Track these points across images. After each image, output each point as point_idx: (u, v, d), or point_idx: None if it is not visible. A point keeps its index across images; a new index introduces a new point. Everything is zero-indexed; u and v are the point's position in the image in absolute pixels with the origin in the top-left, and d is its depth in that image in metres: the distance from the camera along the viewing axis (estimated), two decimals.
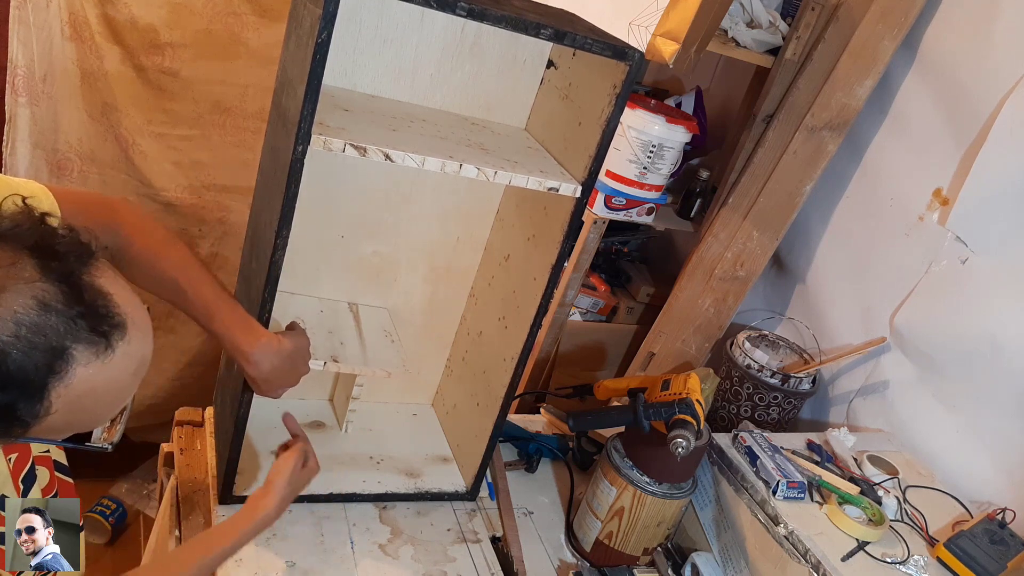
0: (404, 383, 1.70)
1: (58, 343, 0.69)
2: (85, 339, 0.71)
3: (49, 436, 0.77)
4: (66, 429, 0.77)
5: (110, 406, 0.79)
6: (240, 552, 1.25)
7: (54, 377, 0.70)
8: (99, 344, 0.72)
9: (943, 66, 1.75)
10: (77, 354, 0.71)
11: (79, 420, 0.77)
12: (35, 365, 0.68)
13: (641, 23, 1.77)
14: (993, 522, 1.41)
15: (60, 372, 0.70)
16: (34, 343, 0.68)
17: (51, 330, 0.69)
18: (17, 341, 0.67)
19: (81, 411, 0.75)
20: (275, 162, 1.18)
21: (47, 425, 0.73)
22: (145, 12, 1.84)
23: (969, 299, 1.66)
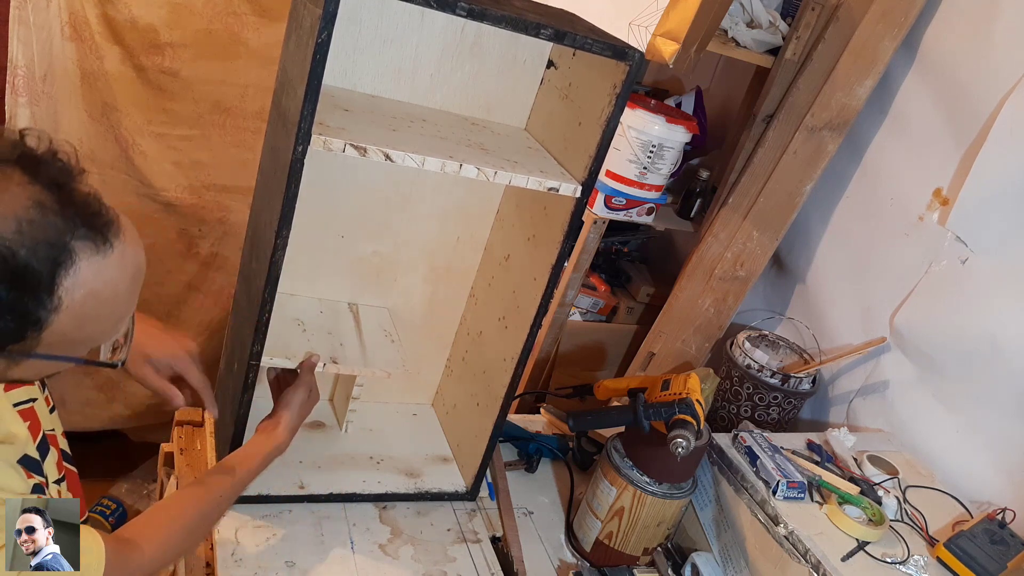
0: (404, 383, 1.70)
1: (59, 239, 0.73)
2: (83, 235, 0.75)
3: (61, 348, 0.79)
4: (76, 337, 0.79)
5: (114, 313, 0.82)
6: (240, 552, 1.26)
7: (60, 270, 0.73)
8: (97, 239, 0.76)
9: (943, 66, 1.75)
10: (78, 249, 0.74)
11: (87, 326, 0.79)
12: (40, 259, 0.71)
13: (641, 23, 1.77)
14: (993, 522, 1.41)
15: (65, 265, 0.73)
16: (37, 239, 0.71)
17: (51, 227, 0.72)
18: (21, 238, 0.70)
19: (88, 315, 0.77)
20: (275, 162, 1.18)
21: (58, 329, 0.75)
22: (145, 12, 1.84)
23: (969, 299, 1.66)
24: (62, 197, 0.74)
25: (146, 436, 2.42)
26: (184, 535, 1.06)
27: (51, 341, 0.77)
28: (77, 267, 0.74)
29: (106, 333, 0.84)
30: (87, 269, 0.75)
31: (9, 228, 0.70)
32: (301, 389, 1.27)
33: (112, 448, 2.41)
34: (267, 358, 1.29)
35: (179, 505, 1.09)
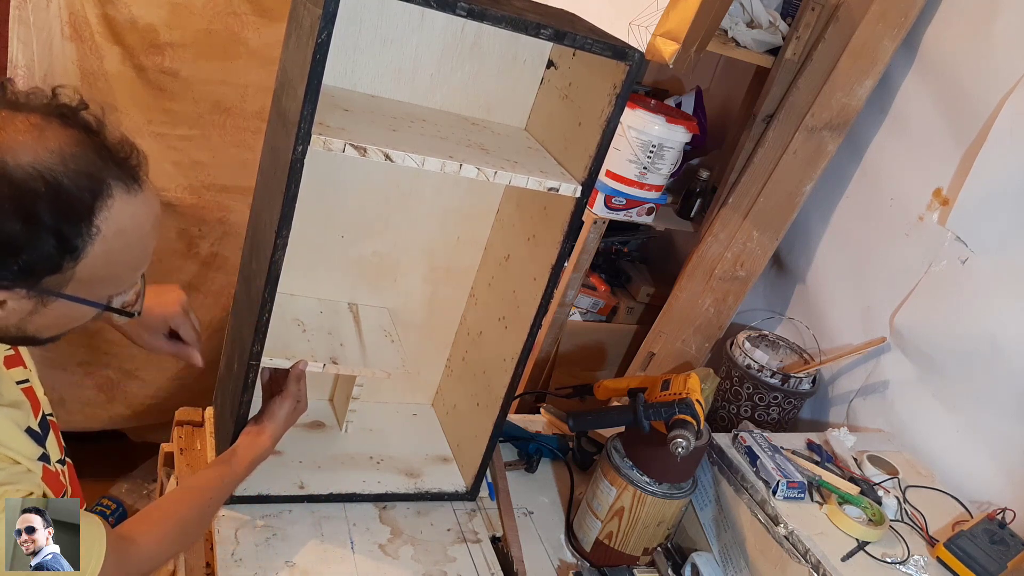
0: (404, 383, 1.70)
1: (97, 173, 0.79)
2: (116, 174, 0.81)
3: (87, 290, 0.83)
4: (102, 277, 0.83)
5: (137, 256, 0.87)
6: (240, 552, 1.26)
7: (98, 202, 0.79)
8: (127, 180, 0.82)
9: (943, 66, 1.75)
10: (113, 185, 0.80)
11: (114, 266, 0.83)
12: (81, 188, 0.77)
13: (641, 23, 1.77)
14: (993, 522, 1.41)
15: (102, 197, 0.79)
16: (79, 170, 0.77)
17: (90, 162, 0.78)
18: (66, 168, 0.76)
19: (116, 252, 0.82)
20: (275, 162, 1.18)
21: (90, 264, 0.80)
22: (145, 12, 1.84)
23: (969, 299, 1.66)
24: (96, 140, 0.81)
25: (146, 436, 2.42)
26: (179, 533, 1.10)
27: (82, 278, 0.81)
28: (113, 202, 0.80)
29: (127, 277, 0.88)
30: (119, 205, 0.81)
31: (54, 159, 0.76)
32: (288, 401, 1.29)
33: (112, 448, 2.41)
34: (267, 358, 1.29)
35: (174, 504, 1.13)
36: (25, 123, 0.77)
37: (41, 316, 0.83)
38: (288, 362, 1.32)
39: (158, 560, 1.06)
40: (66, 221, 0.77)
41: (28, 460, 0.89)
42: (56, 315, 0.84)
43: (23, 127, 0.76)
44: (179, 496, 1.16)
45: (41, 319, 0.83)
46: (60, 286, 0.80)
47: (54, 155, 0.76)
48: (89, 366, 2.20)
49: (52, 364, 2.13)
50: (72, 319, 0.87)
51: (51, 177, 0.75)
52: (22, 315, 0.82)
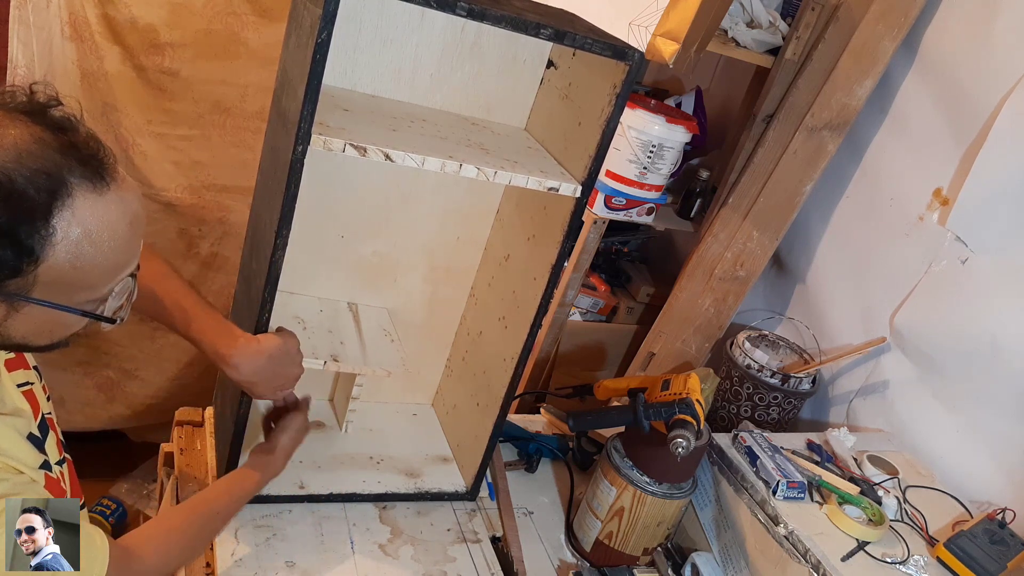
0: (404, 383, 1.70)
1: (56, 172, 0.75)
2: (80, 173, 0.77)
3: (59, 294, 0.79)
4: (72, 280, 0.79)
5: (110, 259, 0.82)
6: (240, 552, 1.26)
7: (56, 202, 0.75)
8: (94, 179, 0.78)
9: (943, 66, 1.75)
10: (75, 185, 0.76)
11: (83, 269, 0.79)
12: (37, 188, 0.73)
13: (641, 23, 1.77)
14: (993, 522, 1.41)
15: (61, 197, 0.75)
16: (35, 169, 0.73)
17: (49, 160, 0.75)
18: (20, 167, 0.73)
19: (84, 255, 0.78)
20: (275, 162, 1.18)
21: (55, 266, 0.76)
22: (145, 12, 1.84)
23: (969, 299, 1.66)
24: (61, 137, 0.77)
25: (146, 436, 2.42)
26: (183, 547, 1.09)
27: (48, 281, 0.77)
28: (73, 201, 0.76)
29: (103, 280, 0.83)
30: (83, 205, 0.77)
31: (9, 156, 0.73)
32: (300, 416, 1.29)
33: (112, 448, 2.41)
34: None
35: (179, 518, 1.12)
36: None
37: (18, 321, 0.80)
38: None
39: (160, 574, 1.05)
40: (20, 222, 0.73)
41: (31, 470, 0.88)
42: (35, 320, 0.81)
43: None
44: (184, 510, 1.14)
45: (20, 324, 0.80)
46: (25, 290, 0.77)
47: (9, 152, 0.73)
48: (89, 366, 2.20)
49: (52, 364, 2.13)
50: (57, 324, 0.84)
51: (3, 175, 0.72)
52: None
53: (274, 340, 1.18)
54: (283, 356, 1.19)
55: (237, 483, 1.21)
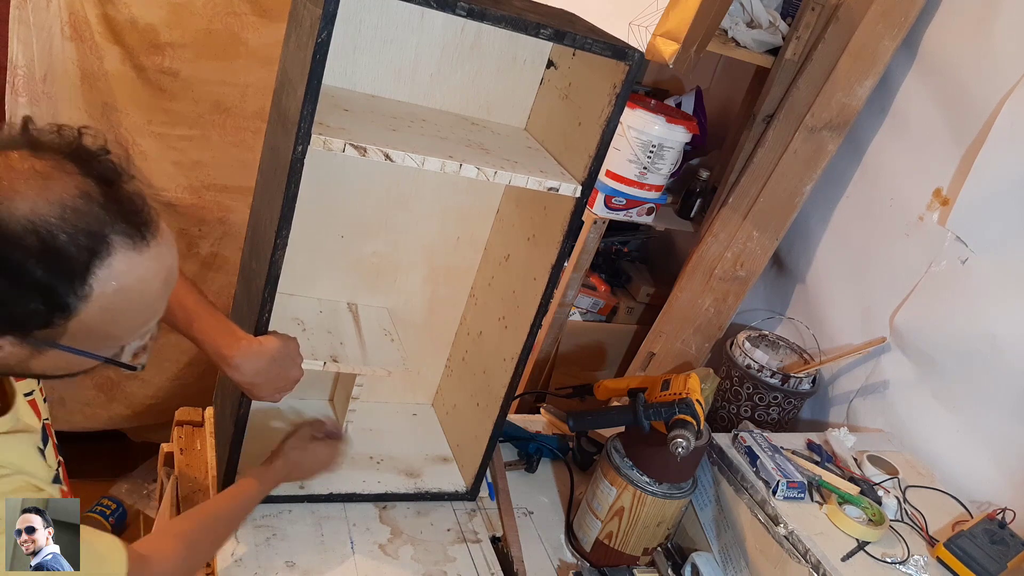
0: (404, 383, 1.70)
1: (99, 229, 0.75)
2: (122, 230, 0.76)
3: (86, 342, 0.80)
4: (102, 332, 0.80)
5: (142, 313, 0.83)
6: (240, 552, 1.26)
7: (96, 260, 0.75)
8: (135, 236, 0.78)
9: (943, 66, 1.75)
10: (116, 242, 0.76)
11: (114, 322, 0.80)
12: (78, 246, 0.73)
13: (641, 23, 1.77)
14: (993, 522, 1.41)
15: (101, 255, 0.75)
16: (78, 226, 0.73)
17: (93, 217, 0.74)
18: (64, 224, 0.72)
19: (117, 310, 0.79)
20: (275, 162, 1.18)
21: (86, 320, 0.77)
22: (145, 12, 1.84)
23: (969, 299, 1.66)
24: (108, 192, 0.77)
25: (146, 436, 2.42)
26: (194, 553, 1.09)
27: (77, 332, 0.78)
28: (112, 260, 0.76)
29: (131, 333, 0.85)
30: (121, 263, 0.77)
31: (54, 212, 0.72)
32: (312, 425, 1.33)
33: (112, 448, 2.41)
34: None
35: (189, 525, 1.12)
36: (31, 170, 0.73)
37: (40, 362, 0.81)
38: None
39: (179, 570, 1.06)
40: (58, 279, 0.73)
41: (47, 485, 0.89)
42: (56, 361, 0.82)
43: (28, 174, 0.73)
44: (194, 516, 1.14)
45: (42, 363, 0.82)
46: (53, 338, 0.78)
47: (54, 207, 0.72)
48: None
49: None
50: (77, 364, 0.84)
51: (46, 231, 0.71)
52: (20, 359, 0.80)
53: (275, 342, 1.18)
54: (284, 358, 1.19)
55: (242, 491, 1.22)
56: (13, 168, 0.73)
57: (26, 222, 0.71)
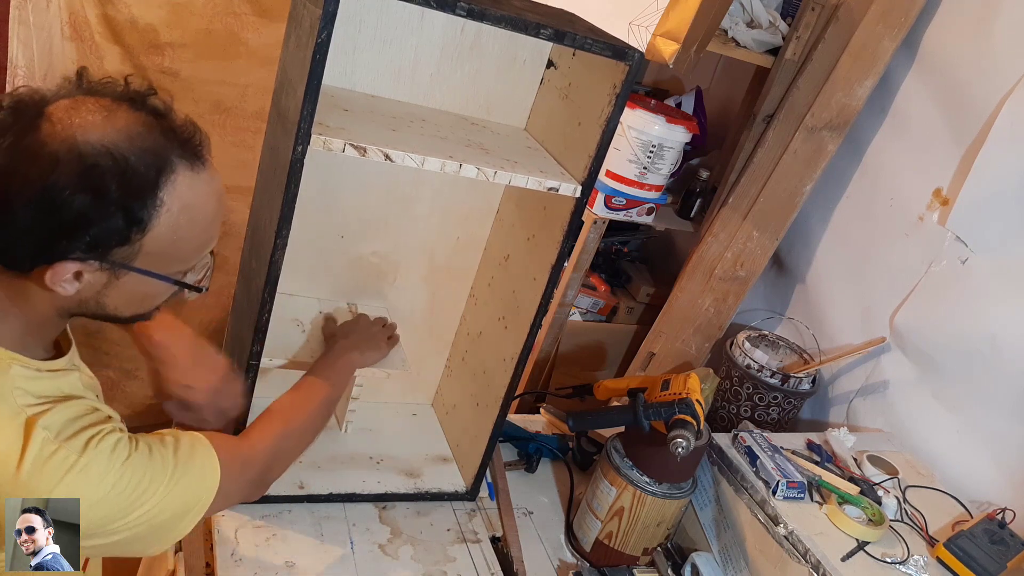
0: (404, 383, 1.70)
1: (161, 152, 0.84)
2: (180, 153, 0.85)
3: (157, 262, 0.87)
4: (170, 252, 0.88)
5: (203, 233, 0.92)
6: (240, 552, 1.26)
7: (162, 178, 0.83)
8: (192, 159, 0.87)
9: (943, 66, 1.75)
10: (177, 163, 0.85)
11: (180, 239, 0.88)
12: (147, 165, 0.82)
13: (641, 23, 1.77)
14: (993, 522, 1.41)
15: (167, 173, 0.84)
16: (144, 148, 0.82)
17: (154, 141, 0.83)
18: (131, 147, 0.81)
19: (182, 227, 0.87)
20: (275, 162, 1.19)
21: (157, 236, 0.84)
22: (145, 12, 1.84)
23: (969, 299, 1.66)
24: (163, 122, 0.86)
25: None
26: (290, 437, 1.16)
27: (149, 251, 0.85)
28: (176, 178, 0.84)
29: (194, 253, 0.92)
30: (184, 182, 0.85)
31: (122, 138, 0.81)
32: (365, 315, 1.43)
33: None
34: (267, 359, 1.29)
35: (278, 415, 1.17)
36: (96, 106, 0.83)
37: (116, 290, 0.87)
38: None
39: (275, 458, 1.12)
40: (133, 195, 0.81)
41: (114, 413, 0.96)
42: (130, 290, 0.88)
43: (94, 109, 0.82)
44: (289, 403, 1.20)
45: (116, 294, 0.88)
46: (130, 259, 0.85)
47: (121, 134, 0.81)
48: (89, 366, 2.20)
49: None
50: (146, 296, 0.91)
51: (118, 154, 0.80)
52: (98, 288, 0.86)
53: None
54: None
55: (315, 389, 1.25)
56: (81, 107, 0.82)
57: (100, 147, 0.79)
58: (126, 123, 0.82)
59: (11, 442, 0.81)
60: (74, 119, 0.80)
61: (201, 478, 0.95)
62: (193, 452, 0.95)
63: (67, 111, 0.81)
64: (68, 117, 0.80)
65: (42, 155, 0.78)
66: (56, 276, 0.82)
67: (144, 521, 0.88)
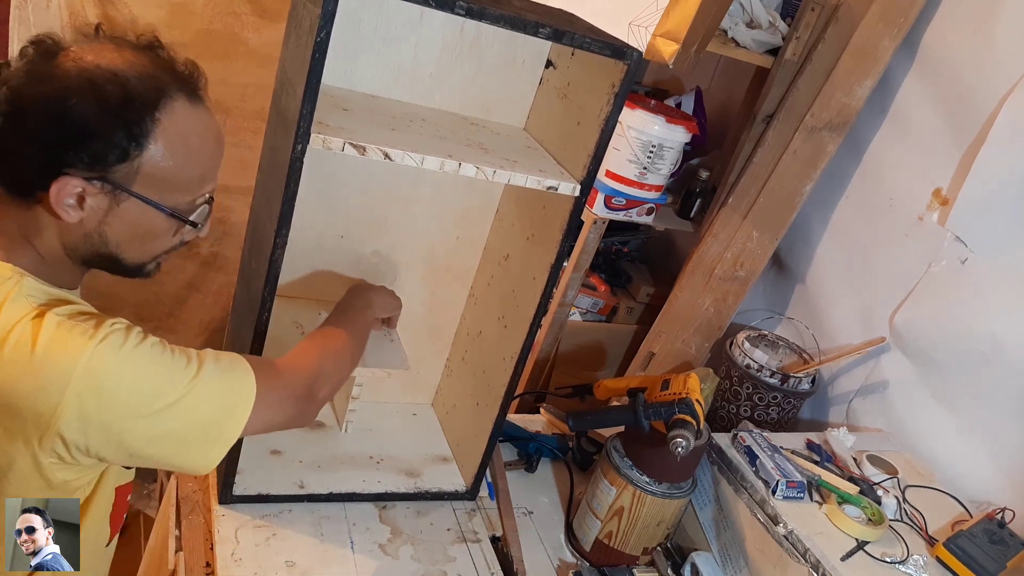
0: (404, 383, 1.70)
1: (161, 80, 0.91)
2: (179, 86, 0.92)
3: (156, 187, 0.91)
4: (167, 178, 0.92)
5: (200, 165, 0.96)
6: (240, 552, 1.26)
7: (161, 99, 0.90)
8: (190, 93, 0.93)
9: (943, 66, 1.75)
10: (175, 92, 0.91)
11: (177, 166, 0.92)
12: (146, 87, 0.89)
13: (641, 23, 1.77)
14: (992, 522, 1.41)
15: (164, 98, 0.90)
16: (144, 74, 0.90)
17: (155, 71, 0.91)
18: (133, 72, 0.89)
19: (178, 154, 0.92)
20: (275, 161, 1.19)
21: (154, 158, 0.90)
22: (145, 12, 1.84)
23: (969, 299, 1.66)
24: (166, 61, 0.94)
25: None
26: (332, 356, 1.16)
27: (148, 173, 0.90)
28: (174, 104, 0.91)
29: (192, 186, 0.96)
30: (181, 110, 0.91)
31: (126, 65, 0.89)
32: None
33: None
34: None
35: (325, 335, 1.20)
36: (107, 44, 0.91)
37: (118, 219, 0.91)
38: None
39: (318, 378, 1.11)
40: (133, 112, 0.87)
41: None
42: (132, 221, 0.92)
43: (105, 46, 0.91)
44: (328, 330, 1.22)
45: (119, 223, 0.92)
46: (129, 180, 0.89)
47: (126, 63, 0.89)
48: None
49: None
50: (148, 231, 0.94)
51: (121, 75, 0.87)
52: (99, 216, 0.90)
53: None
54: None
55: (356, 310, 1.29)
56: (94, 45, 0.91)
57: (106, 69, 0.87)
58: (132, 57, 0.90)
59: (24, 330, 0.84)
60: (86, 52, 0.89)
61: (236, 380, 0.97)
62: (220, 356, 0.97)
63: (81, 47, 0.90)
64: (81, 50, 0.89)
65: (54, 75, 0.86)
66: (61, 193, 0.87)
67: (179, 415, 0.90)
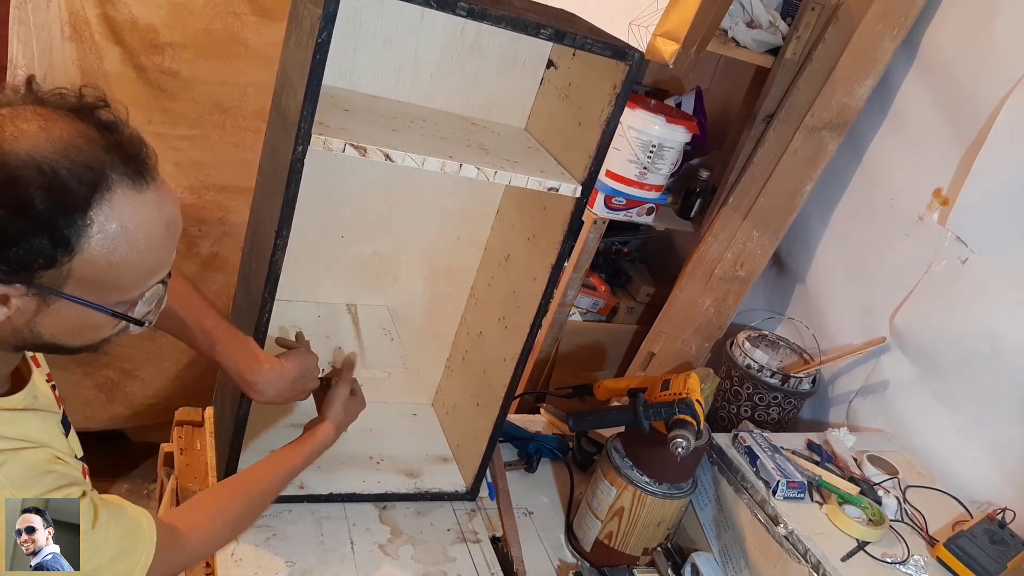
0: (404, 383, 1.70)
1: (99, 166, 0.76)
2: (122, 171, 0.78)
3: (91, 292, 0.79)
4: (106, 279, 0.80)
5: (146, 260, 0.82)
6: (240, 552, 1.26)
7: (96, 194, 0.76)
8: (135, 177, 0.79)
9: (943, 66, 1.75)
10: (115, 180, 0.77)
11: (117, 265, 0.80)
12: (79, 180, 0.75)
13: (641, 23, 1.77)
14: (993, 522, 1.41)
15: (101, 190, 0.76)
16: (78, 161, 0.75)
17: (92, 155, 0.76)
18: (64, 159, 0.74)
19: (119, 251, 0.79)
20: (275, 162, 1.18)
21: (89, 260, 0.77)
22: (145, 12, 1.84)
23: (969, 299, 1.66)
24: (107, 135, 0.79)
25: (146, 436, 2.41)
26: (229, 525, 1.10)
27: (82, 276, 0.78)
28: (112, 196, 0.77)
29: (136, 282, 0.83)
30: (122, 201, 0.78)
31: (55, 149, 0.75)
32: (341, 386, 1.30)
33: (112, 448, 2.41)
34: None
35: (225, 496, 1.13)
36: (34, 115, 0.76)
37: (49, 319, 0.80)
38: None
39: (207, 551, 1.08)
40: (60, 212, 0.74)
41: (72, 460, 0.89)
42: (65, 319, 0.81)
43: (31, 118, 0.76)
44: (230, 487, 1.15)
45: (50, 322, 0.81)
46: (58, 284, 0.77)
47: (55, 145, 0.75)
48: (89, 366, 2.20)
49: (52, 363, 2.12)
50: (84, 327, 0.84)
51: (47, 166, 0.73)
52: (28, 315, 0.79)
53: (296, 361, 1.22)
54: (303, 376, 1.24)
55: (285, 459, 1.20)
56: (18, 117, 0.76)
57: (28, 158, 0.73)
58: (63, 134, 0.76)
59: None
60: (6, 129, 0.74)
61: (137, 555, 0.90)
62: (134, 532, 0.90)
63: (2, 120, 0.75)
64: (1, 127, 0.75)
65: None
66: None
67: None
